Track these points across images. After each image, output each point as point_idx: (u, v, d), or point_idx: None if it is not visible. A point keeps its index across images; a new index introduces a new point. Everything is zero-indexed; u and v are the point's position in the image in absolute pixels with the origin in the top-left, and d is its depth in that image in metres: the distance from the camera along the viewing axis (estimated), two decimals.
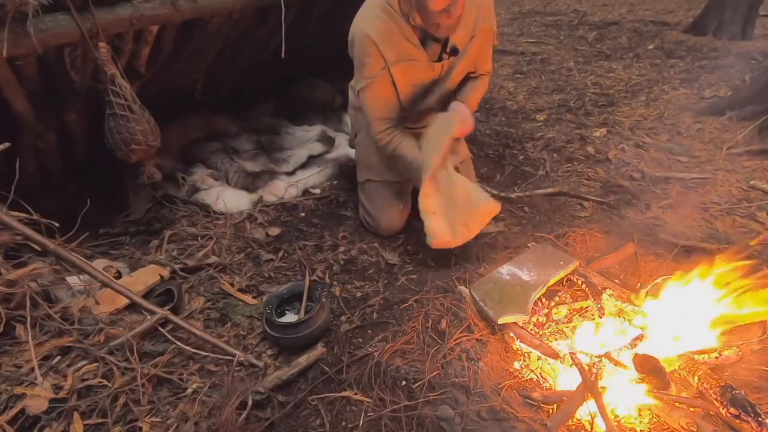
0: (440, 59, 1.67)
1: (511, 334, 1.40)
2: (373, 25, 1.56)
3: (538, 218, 2.06)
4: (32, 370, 1.22)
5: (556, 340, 1.42)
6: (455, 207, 1.68)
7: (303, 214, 2.13)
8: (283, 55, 1.94)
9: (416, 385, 1.27)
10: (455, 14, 1.44)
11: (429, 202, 1.66)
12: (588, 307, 1.51)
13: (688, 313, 1.32)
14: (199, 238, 1.93)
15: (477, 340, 1.41)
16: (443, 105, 1.85)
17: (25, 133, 1.68)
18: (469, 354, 1.36)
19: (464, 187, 1.71)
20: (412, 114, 1.83)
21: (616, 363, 1.26)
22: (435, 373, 1.30)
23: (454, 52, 1.65)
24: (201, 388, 1.27)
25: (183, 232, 1.96)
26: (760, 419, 1.06)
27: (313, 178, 2.36)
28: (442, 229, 1.65)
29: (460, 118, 1.70)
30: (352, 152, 2.49)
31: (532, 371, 1.33)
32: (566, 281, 1.60)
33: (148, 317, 1.42)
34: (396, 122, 1.75)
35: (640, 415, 1.19)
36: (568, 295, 1.58)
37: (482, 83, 1.87)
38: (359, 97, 1.69)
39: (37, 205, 1.44)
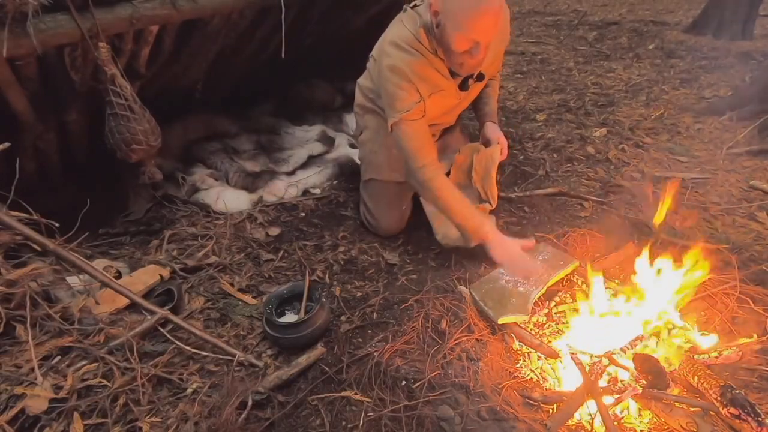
0: (466, 87, 1.69)
1: (511, 334, 1.40)
2: (406, 61, 1.54)
3: (538, 218, 2.06)
4: (32, 370, 1.22)
5: (556, 340, 1.42)
6: None
7: (303, 214, 2.13)
8: (283, 55, 1.94)
9: (416, 385, 1.27)
10: (478, 57, 1.45)
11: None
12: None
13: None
14: (199, 238, 1.93)
15: (477, 340, 1.41)
16: (455, 118, 1.96)
17: (25, 133, 1.68)
18: (469, 354, 1.36)
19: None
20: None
21: (616, 363, 1.26)
22: (435, 373, 1.30)
23: (480, 77, 1.68)
24: (201, 388, 1.27)
25: (183, 232, 1.96)
26: (760, 419, 1.06)
27: (313, 178, 2.36)
28: None
29: (501, 145, 1.80)
30: (352, 152, 2.50)
31: (532, 371, 1.33)
32: (566, 281, 1.60)
33: (148, 317, 1.42)
34: (435, 152, 1.69)
35: (640, 415, 1.19)
36: (568, 295, 1.58)
37: (497, 84, 1.95)
38: (392, 131, 1.64)
39: (37, 205, 1.44)
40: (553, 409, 1.21)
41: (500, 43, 1.71)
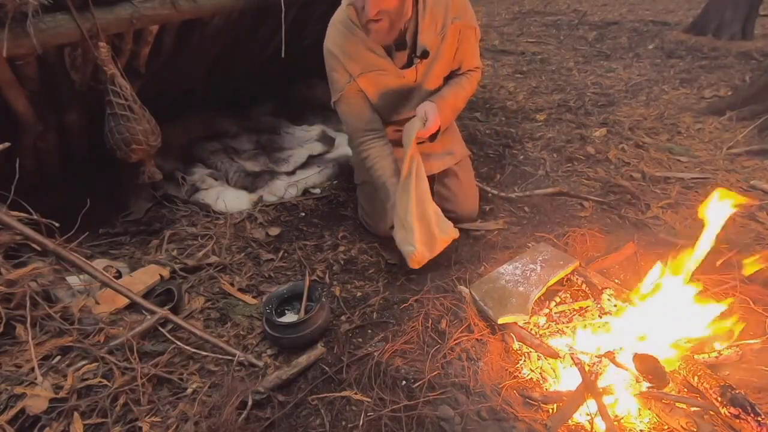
0: (411, 64, 1.66)
1: (511, 334, 1.40)
2: (335, 41, 1.61)
3: (538, 218, 2.06)
4: (32, 369, 1.22)
5: (556, 340, 1.42)
6: (427, 224, 1.65)
7: (303, 214, 2.13)
8: (283, 55, 1.94)
9: (416, 385, 1.27)
10: (368, 14, 1.43)
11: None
12: (588, 307, 1.51)
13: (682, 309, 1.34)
14: (199, 238, 1.93)
15: (477, 340, 1.41)
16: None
17: (25, 133, 1.68)
18: (469, 354, 1.36)
19: (435, 207, 1.69)
20: (398, 121, 1.83)
21: (616, 363, 1.26)
22: (435, 373, 1.30)
23: (425, 54, 1.62)
24: (201, 388, 1.27)
25: (183, 232, 1.96)
26: (759, 419, 1.06)
27: (313, 177, 2.36)
28: (421, 245, 1.62)
29: (420, 118, 1.63)
30: (351, 152, 2.50)
31: (532, 371, 1.33)
32: (566, 281, 1.60)
33: (148, 317, 1.42)
34: (375, 133, 1.73)
35: (640, 415, 1.19)
36: (568, 295, 1.58)
37: (468, 80, 1.78)
38: (336, 110, 1.75)
39: (37, 205, 1.44)
40: (553, 409, 1.21)
41: (453, 19, 1.60)
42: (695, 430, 1.12)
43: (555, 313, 1.51)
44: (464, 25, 1.64)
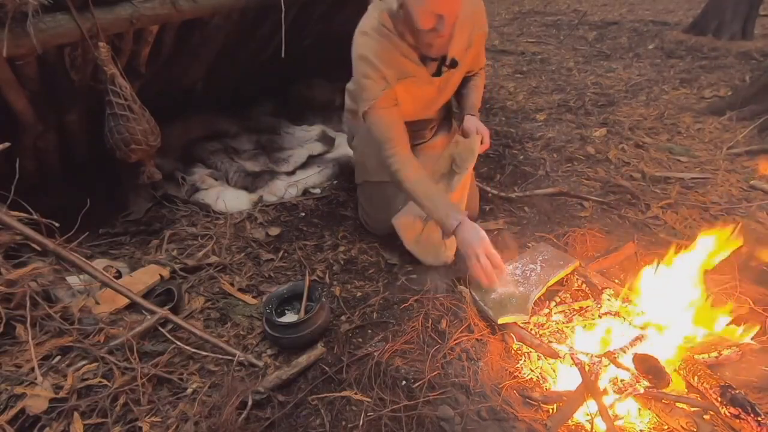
0: (440, 73, 1.66)
1: (511, 334, 1.40)
2: (370, 47, 1.55)
3: (538, 218, 2.06)
4: (32, 369, 1.22)
5: (556, 340, 1.42)
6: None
7: (303, 214, 2.13)
8: (283, 55, 1.94)
9: (416, 385, 1.27)
10: (444, 33, 1.43)
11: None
12: (588, 307, 1.51)
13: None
14: (199, 238, 1.93)
15: (477, 340, 1.41)
16: (442, 113, 1.90)
17: (25, 133, 1.68)
18: (469, 354, 1.36)
19: None
20: (413, 127, 1.83)
21: (616, 363, 1.26)
22: (435, 373, 1.30)
23: (454, 64, 1.64)
24: (201, 388, 1.27)
25: (183, 231, 1.96)
26: (759, 419, 1.06)
27: (313, 177, 2.36)
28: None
29: (476, 136, 1.74)
30: (351, 152, 2.50)
31: (532, 371, 1.33)
32: (566, 281, 1.60)
33: (148, 317, 1.42)
34: (406, 142, 1.68)
35: (640, 415, 1.19)
36: (568, 295, 1.58)
37: (481, 79, 1.89)
38: (365, 121, 1.64)
39: (37, 205, 1.44)
40: (553, 408, 1.21)
41: (477, 30, 1.65)
42: (695, 430, 1.12)
43: (555, 313, 1.51)
44: (485, 34, 1.72)
